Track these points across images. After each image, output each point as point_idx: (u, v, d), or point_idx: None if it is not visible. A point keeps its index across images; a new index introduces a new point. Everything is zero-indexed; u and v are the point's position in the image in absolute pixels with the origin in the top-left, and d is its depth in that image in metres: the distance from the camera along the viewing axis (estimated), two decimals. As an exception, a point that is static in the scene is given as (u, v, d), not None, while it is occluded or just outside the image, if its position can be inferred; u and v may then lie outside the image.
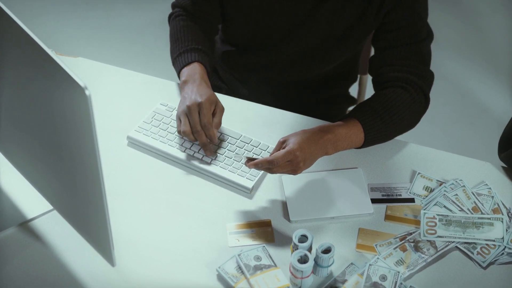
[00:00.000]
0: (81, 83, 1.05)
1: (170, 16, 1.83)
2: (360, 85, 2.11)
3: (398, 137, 1.67)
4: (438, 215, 1.50)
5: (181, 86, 1.66)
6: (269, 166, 1.47)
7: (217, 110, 1.61)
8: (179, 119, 1.60)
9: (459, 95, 3.11)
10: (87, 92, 1.05)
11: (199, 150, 1.61)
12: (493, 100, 3.06)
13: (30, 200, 1.51)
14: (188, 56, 1.70)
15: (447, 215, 1.50)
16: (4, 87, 1.28)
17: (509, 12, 3.48)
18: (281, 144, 1.51)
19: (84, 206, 1.27)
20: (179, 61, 1.71)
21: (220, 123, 1.61)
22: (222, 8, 1.80)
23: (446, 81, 3.12)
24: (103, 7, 3.44)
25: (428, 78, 1.69)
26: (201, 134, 1.57)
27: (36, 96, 1.19)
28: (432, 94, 1.71)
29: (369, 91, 1.88)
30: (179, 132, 1.59)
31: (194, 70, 1.67)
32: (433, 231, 1.48)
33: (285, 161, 1.47)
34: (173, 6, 1.84)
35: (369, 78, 1.93)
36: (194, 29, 1.77)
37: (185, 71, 1.68)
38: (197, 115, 1.57)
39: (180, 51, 1.72)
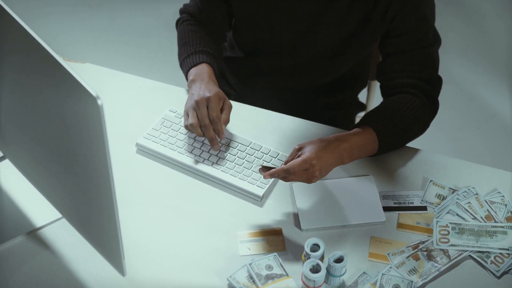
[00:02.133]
0: (93, 93, 1.04)
1: (177, 22, 1.83)
2: (369, 90, 2.10)
3: (408, 144, 1.66)
4: (451, 223, 1.48)
5: (189, 85, 1.65)
6: (285, 175, 1.45)
7: (225, 106, 1.60)
8: (186, 114, 1.59)
9: (466, 100, 3.09)
10: (99, 102, 1.04)
11: (208, 158, 1.60)
12: (500, 104, 3.04)
13: (38, 209, 1.50)
14: (196, 58, 1.69)
15: (460, 224, 1.48)
16: (14, 95, 1.27)
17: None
18: (297, 151, 1.49)
19: (95, 214, 1.26)
20: (187, 63, 1.70)
21: (228, 119, 1.60)
22: (230, 16, 1.79)
23: (453, 85, 3.10)
24: (106, 9, 3.43)
25: (436, 83, 1.68)
26: (209, 128, 1.56)
27: (46, 104, 1.18)
28: (439, 99, 1.69)
29: (378, 97, 1.87)
30: (186, 126, 1.58)
31: (202, 70, 1.67)
32: (446, 240, 1.46)
33: (302, 169, 1.45)
34: (181, 12, 1.83)
35: (378, 84, 1.92)
36: (202, 33, 1.76)
37: (193, 71, 1.67)
38: (205, 109, 1.56)
39: (188, 53, 1.71)
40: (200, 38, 1.74)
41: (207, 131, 1.56)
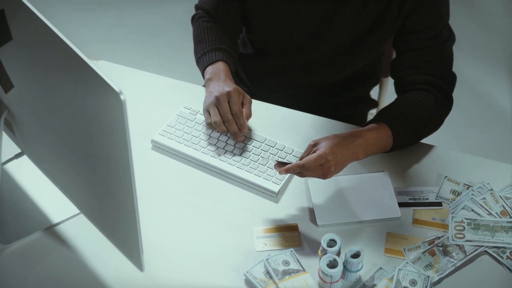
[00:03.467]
0: (116, 88, 1.05)
1: (193, 18, 1.84)
2: (381, 87, 2.10)
3: (423, 140, 1.66)
4: (466, 219, 1.49)
5: (206, 84, 1.65)
6: (300, 170, 1.46)
7: (246, 101, 1.61)
8: (207, 111, 1.59)
9: (475, 98, 3.09)
10: (122, 97, 1.04)
11: (224, 154, 1.61)
12: (509, 102, 3.04)
13: (56, 205, 1.51)
14: (212, 55, 1.70)
15: (476, 219, 1.49)
16: (35, 91, 1.28)
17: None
18: (312, 147, 1.50)
19: (114, 210, 1.27)
20: (203, 60, 1.71)
21: (250, 113, 1.60)
22: (243, 12, 1.80)
23: (462, 83, 3.09)
24: (116, 8, 3.44)
25: (451, 80, 1.68)
26: (232, 122, 1.57)
27: (69, 100, 1.18)
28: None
29: (390, 94, 1.87)
30: (209, 124, 1.58)
31: (218, 68, 1.67)
32: (462, 235, 1.47)
33: (317, 165, 1.46)
34: (196, 8, 1.84)
35: (390, 81, 1.92)
36: (217, 30, 1.77)
37: (210, 69, 1.68)
38: (226, 104, 1.57)
39: (204, 50, 1.72)
40: (216, 35, 1.75)
41: (231, 126, 1.57)
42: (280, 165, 1.49)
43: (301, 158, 1.50)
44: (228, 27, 1.80)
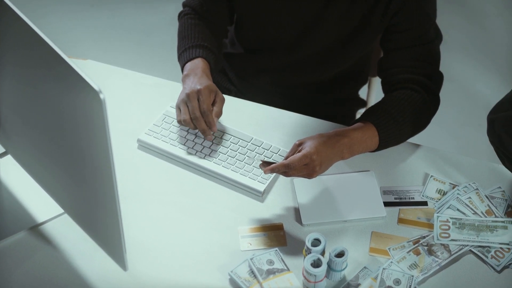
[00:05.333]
0: (96, 87, 1.05)
1: (179, 14, 1.84)
2: (369, 87, 2.10)
3: (410, 140, 1.66)
4: (451, 218, 1.49)
5: (183, 80, 1.65)
6: (285, 169, 1.46)
7: (217, 99, 1.60)
8: (178, 108, 1.60)
9: (467, 97, 3.09)
10: (101, 96, 1.04)
11: (210, 153, 1.61)
12: (501, 101, 3.04)
13: (40, 204, 1.51)
14: (192, 52, 1.70)
15: (461, 219, 1.49)
16: (17, 90, 1.27)
17: (515, 12, 3.47)
18: (297, 147, 1.50)
19: (97, 209, 1.26)
20: (183, 57, 1.71)
21: (220, 112, 1.60)
22: (231, 11, 1.79)
23: (454, 82, 3.11)
24: (108, 8, 3.43)
25: (437, 79, 1.68)
26: (200, 120, 1.57)
27: (49, 99, 1.18)
28: (440, 96, 1.70)
29: (378, 93, 1.87)
30: (179, 121, 1.59)
31: (196, 65, 1.67)
32: (447, 235, 1.47)
33: (302, 164, 1.46)
34: (183, 5, 1.84)
35: (378, 80, 1.92)
36: (202, 27, 1.77)
37: (188, 65, 1.68)
38: (196, 101, 1.57)
39: (186, 47, 1.72)
40: (199, 32, 1.75)
41: (199, 123, 1.57)
42: (265, 164, 1.49)
43: (286, 158, 1.50)
44: (215, 25, 1.80)
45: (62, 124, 1.18)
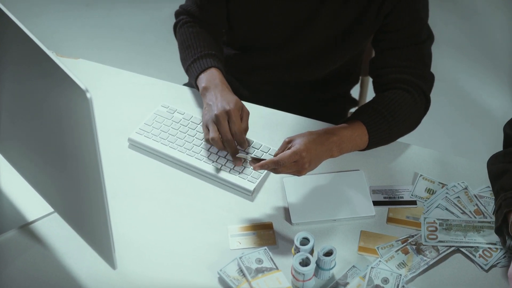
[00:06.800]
0: (82, 86, 1.05)
1: (176, 25, 1.81)
2: (361, 86, 2.11)
3: (400, 139, 1.67)
4: (438, 219, 1.49)
5: (202, 93, 1.63)
6: (275, 166, 1.46)
7: (244, 115, 1.58)
8: (206, 127, 1.57)
9: (460, 96, 3.10)
10: (88, 95, 1.05)
11: (200, 152, 1.61)
12: (494, 100, 3.05)
13: (30, 203, 1.51)
14: (203, 62, 1.67)
15: (448, 220, 1.49)
16: (4, 88, 1.28)
17: (509, 11, 3.47)
18: (287, 144, 1.50)
19: (85, 208, 1.27)
20: (194, 68, 1.68)
21: (247, 127, 1.58)
22: (227, 11, 1.78)
23: (447, 81, 3.12)
24: (102, 7, 3.44)
25: (429, 80, 1.69)
26: (232, 143, 1.55)
27: (37, 98, 1.18)
28: (432, 95, 1.70)
29: (370, 93, 1.88)
30: (207, 140, 1.56)
31: (212, 75, 1.65)
32: (434, 236, 1.47)
33: (291, 161, 1.46)
34: (178, 14, 1.81)
35: (370, 80, 1.92)
36: (205, 34, 1.75)
37: (203, 77, 1.65)
38: (226, 124, 1.54)
39: (194, 57, 1.69)
40: (204, 40, 1.73)
41: (230, 146, 1.55)
42: (255, 161, 1.50)
43: (275, 155, 1.51)
44: (214, 29, 1.78)
45: (50, 123, 1.19)
